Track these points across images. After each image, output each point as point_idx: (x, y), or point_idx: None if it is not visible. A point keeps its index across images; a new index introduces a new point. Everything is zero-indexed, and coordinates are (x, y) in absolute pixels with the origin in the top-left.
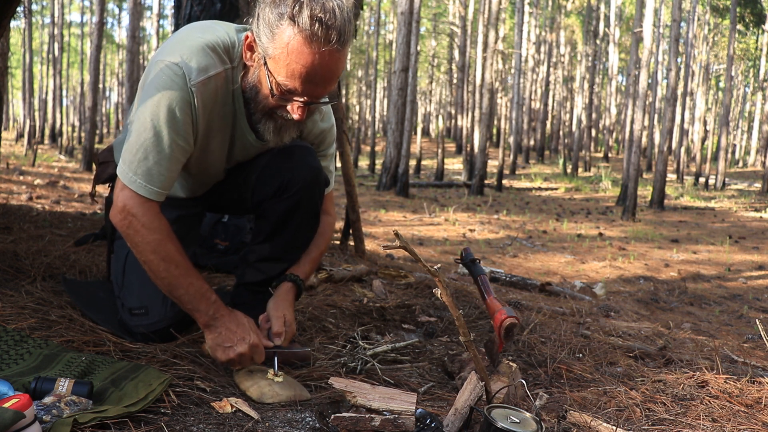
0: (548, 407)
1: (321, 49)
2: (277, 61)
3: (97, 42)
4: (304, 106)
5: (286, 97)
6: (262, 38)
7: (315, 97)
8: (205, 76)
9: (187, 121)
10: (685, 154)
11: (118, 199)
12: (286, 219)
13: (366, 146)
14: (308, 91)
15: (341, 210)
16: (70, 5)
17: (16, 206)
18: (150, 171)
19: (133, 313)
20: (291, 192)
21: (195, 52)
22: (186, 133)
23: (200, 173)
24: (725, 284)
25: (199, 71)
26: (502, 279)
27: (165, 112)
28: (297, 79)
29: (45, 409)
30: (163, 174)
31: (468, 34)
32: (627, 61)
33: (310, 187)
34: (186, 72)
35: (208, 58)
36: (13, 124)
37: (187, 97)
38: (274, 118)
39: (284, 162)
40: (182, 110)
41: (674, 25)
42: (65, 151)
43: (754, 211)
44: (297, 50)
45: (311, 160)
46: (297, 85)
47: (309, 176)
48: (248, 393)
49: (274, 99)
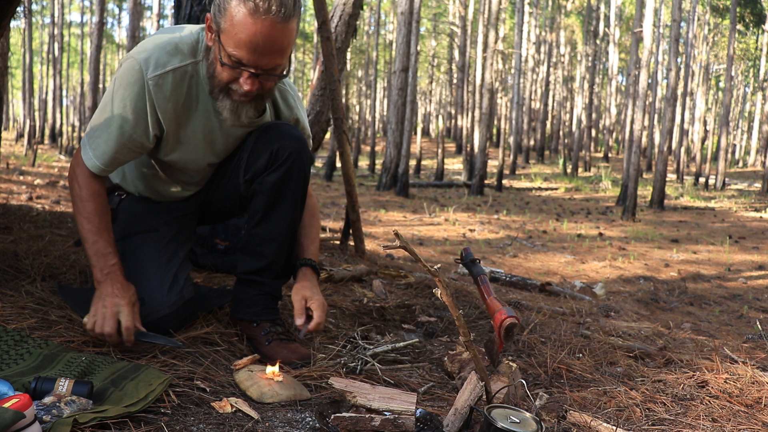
0: (548, 407)
1: (263, 18)
2: (227, 34)
3: (97, 42)
4: (254, 78)
5: (236, 68)
6: (216, 16)
7: (261, 67)
8: (163, 71)
9: (138, 112)
10: (685, 154)
11: (75, 158)
12: (279, 190)
13: (366, 146)
14: (253, 60)
15: (341, 210)
16: (70, 5)
17: (16, 206)
18: (98, 148)
19: None
20: (281, 161)
21: (156, 49)
22: (136, 122)
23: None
24: (725, 284)
25: (157, 66)
26: (502, 279)
27: (119, 101)
28: (242, 49)
29: (45, 409)
30: (107, 153)
31: (468, 34)
32: (627, 61)
33: (299, 154)
34: (143, 66)
35: (168, 54)
36: (13, 124)
37: (141, 89)
38: (230, 95)
39: (271, 136)
40: (134, 101)
41: (674, 25)
42: (65, 151)
43: (754, 211)
44: (241, 21)
45: (296, 132)
46: (243, 55)
47: (296, 145)
48: (248, 393)
49: (225, 70)
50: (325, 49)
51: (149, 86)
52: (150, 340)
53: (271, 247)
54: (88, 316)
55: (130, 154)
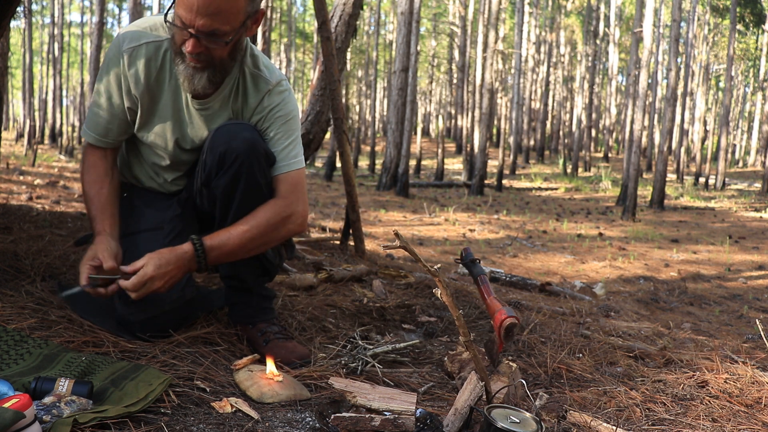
0: (548, 407)
1: None
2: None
3: (97, 42)
4: (195, 40)
5: (181, 30)
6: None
7: (198, 29)
8: (136, 44)
9: (114, 81)
10: (685, 154)
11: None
12: (230, 193)
13: (366, 146)
14: (190, 19)
15: (341, 210)
16: (70, 5)
17: (16, 206)
18: (90, 120)
19: (129, 303)
20: (228, 163)
21: (133, 27)
22: (115, 90)
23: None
24: (725, 284)
25: (131, 40)
26: (502, 279)
27: (103, 75)
28: (182, 7)
29: (45, 409)
30: (99, 124)
31: (468, 34)
32: (627, 61)
33: (247, 156)
34: (120, 41)
35: (143, 32)
36: (13, 124)
37: (117, 60)
38: (184, 60)
39: (219, 136)
40: (113, 71)
41: (674, 25)
42: (65, 151)
43: (754, 211)
44: None
45: (245, 132)
46: (183, 14)
47: (243, 146)
48: (248, 393)
49: (176, 31)
50: (325, 49)
51: (123, 58)
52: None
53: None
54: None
55: (121, 125)
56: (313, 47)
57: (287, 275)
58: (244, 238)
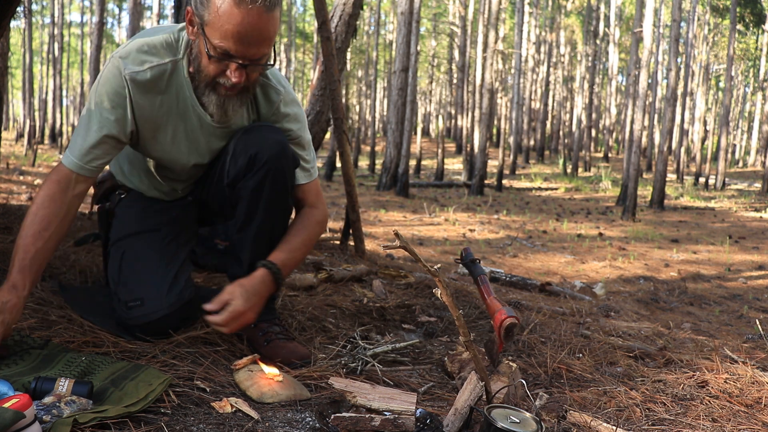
0: (548, 407)
1: (248, 7)
2: (212, 26)
3: (97, 42)
4: (241, 69)
5: (223, 60)
6: (198, 8)
7: (248, 58)
8: (141, 68)
9: (116, 106)
10: (685, 154)
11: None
12: (258, 195)
13: (366, 146)
14: (241, 51)
15: (341, 210)
16: (70, 5)
17: (16, 206)
18: (75, 144)
19: (129, 306)
20: (259, 165)
21: (133, 49)
22: (113, 116)
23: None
24: (725, 284)
25: (134, 63)
26: (502, 279)
27: (97, 98)
28: (229, 39)
29: (45, 409)
30: (83, 147)
31: (468, 34)
32: (627, 61)
33: (278, 159)
34: (122, 64)
35: (145, 54)
36: (13, 124)
37: (120, 86)
38: (217, 90)
39: (250, 139)
40: (113, 96)
41: (674, 25)
42: (65, 151)
43: (754, 211)
44: (227, 11)
45: (276, 135)
46: (230, 45)
47: (275, 149)
48: (248, 393)
49: (212, 62)
50: (325, 49)
51: (126, 81)
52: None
53: (251, 254)
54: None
55: (108, 150)
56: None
57: None
58: (304, 250)
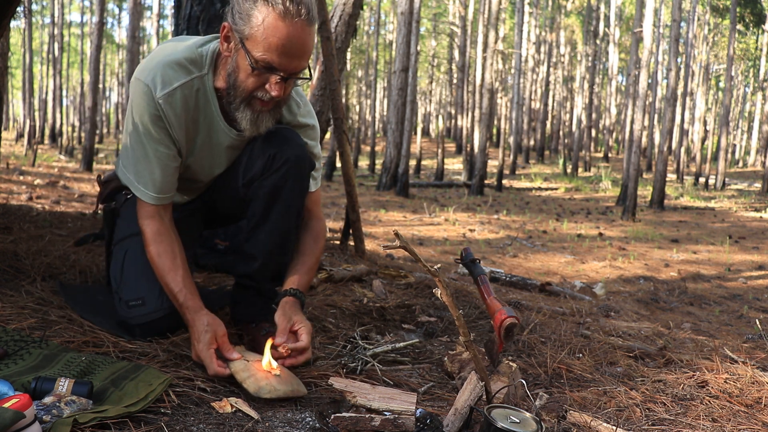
0: (548, 407)
1: (293, 21)
2: (254, 40)
3: (97, 42)
4: (282, 82)
5: (265, 73)
6: (238, 24)
7: (290, 71)
8: (170, 89)
9: (160, 131)
10: (685, 154)
11: (137, 206)
12: (275, 195)
13: (366, 146)
14: (284, 64)
15: (341, 210)
16: (70, 5)
17: (16, 206)
18: (146, 179)
19: (130, 306)
20: (278, 165)
21: (160, 69)
22: (164, 141)
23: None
24: (725, 284)
25: (164, 85)
26: (502, 279)
27: (141, 127)
28: (274, 52)
29: (45, 409)
30: (157, 180)
31: (468, 34)
32: (627, 61)
33: (297, 160)
34: (152, 87)
35: (172, 72)
36: (13, 124)
37: (155, 110)
38: (252, 105)
39: (271, 141)
40: (154, 122)
41: (674, 25)
42: (65, 151)
43: (754, 211)
44: (272, 25)
45: (297, 138)
46: (274, 58)
47: (295, 151)
48: (244, 385)
49: (252, 76)
50: (325, 49)
51: (160, 105)
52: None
53: (264, 252)
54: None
55: (174, 172)
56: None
57: None
58: (317, 266)
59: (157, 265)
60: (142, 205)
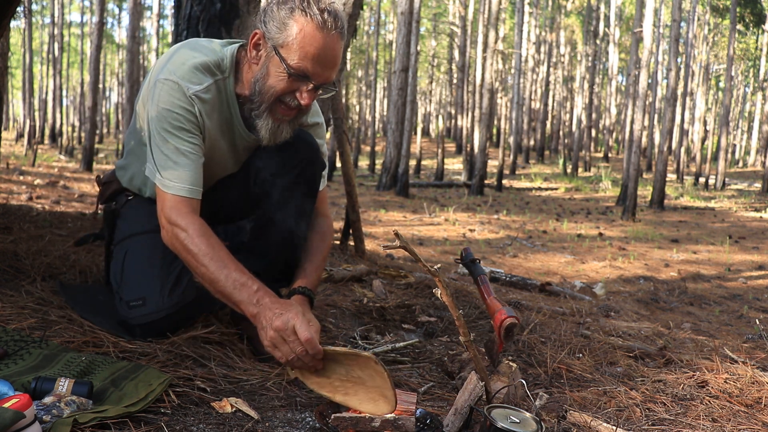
0: (548, 407)
1: (330, 33)
2: (289, 48)
3: (97, 42)
4: (313, 91)
5: (297, 80)
6: (272, 32)
7: (322, 80)
8: (202, 86)
9: (192, 125)
10: (685, 154)
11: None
12: (288, 193)
13: (366, 146)
14: (317, 73)
15: (341, 210)
16: (70, 5)
17: (16, 206)
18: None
19: (131, 306)
20: (291, 165)
21: (187, 71)
22: (195, 134)
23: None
24: (725, 284)
25: (195, 83)
26: (502, 279)
27: (171, 124)
28: (309, 61)
29: (45, 409)
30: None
31: (468, 34)
32: (627, 61)
33: (310, 161)
34: (183, 84)
35: (199, 74)
36: (13, 124)
37: (188, 104)
38: (274, 113)
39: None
40: (186, 116)
41: (674, 25)
42: (65, 151)
43: (754, 211)
44: (311, 35)
45: (310, 139)
46: (309, 66)
47: (309, 153)
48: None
49: (283, 81)
50: None
51: (194, 101)
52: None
53: (271, 250)
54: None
55: (201, 164)
56: None
57: None
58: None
59: (213, 258)
60: (177, 203)
